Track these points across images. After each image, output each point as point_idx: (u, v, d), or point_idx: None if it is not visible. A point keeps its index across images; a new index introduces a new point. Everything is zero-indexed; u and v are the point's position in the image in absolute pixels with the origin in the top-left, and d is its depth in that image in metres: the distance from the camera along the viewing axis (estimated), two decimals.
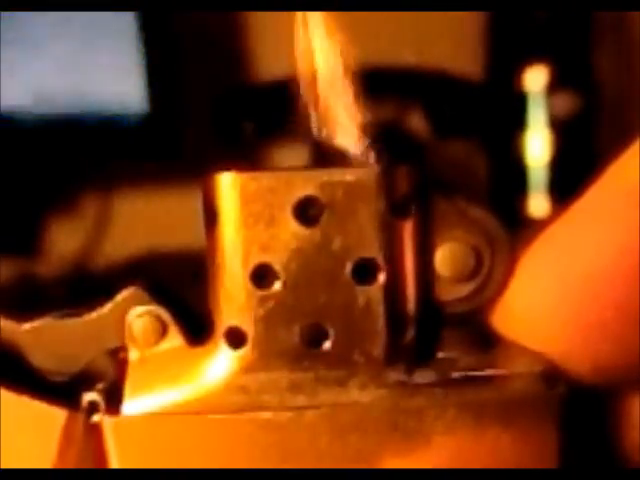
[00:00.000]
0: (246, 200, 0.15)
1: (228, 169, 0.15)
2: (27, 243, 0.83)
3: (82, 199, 0.84)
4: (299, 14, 0.16)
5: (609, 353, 0.15)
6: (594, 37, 0.75)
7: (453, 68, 0.77)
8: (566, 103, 0.73)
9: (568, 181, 0.71)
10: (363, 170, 0.15)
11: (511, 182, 0.76)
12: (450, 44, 0.79)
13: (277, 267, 0.15)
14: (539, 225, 0.15)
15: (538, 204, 0.74)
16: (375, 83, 0.16)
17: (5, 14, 0.72)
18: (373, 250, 0.15)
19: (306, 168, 0.16)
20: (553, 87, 0.73)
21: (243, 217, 0.15)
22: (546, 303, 0.15)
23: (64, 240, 0.84)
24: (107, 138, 0.78)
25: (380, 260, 0.15)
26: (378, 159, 0.16)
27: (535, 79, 0.73)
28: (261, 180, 0.15)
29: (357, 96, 0.16)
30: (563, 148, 0.74)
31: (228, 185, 0.15)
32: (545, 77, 0.73)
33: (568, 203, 0.15)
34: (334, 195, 0.15)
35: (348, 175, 0.15)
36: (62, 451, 0.16)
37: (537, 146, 0.74)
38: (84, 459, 0.16)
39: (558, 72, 0.73)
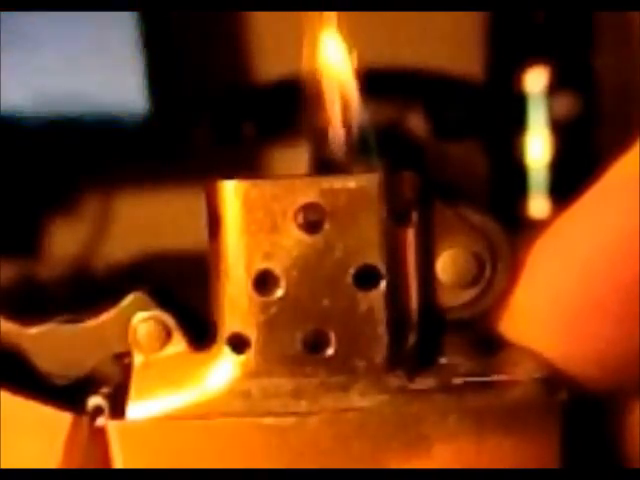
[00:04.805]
0: (248, 207, 0.15)
1: (230, 176, 0.15)
2: (27, 243, 0.83)
3: (82, 199, 0.85)
4: (302, 15, 0.16)
5: (611, 341, 0.15)
6: (594, 37, 0.75)
7: (453, 68, 0.77)
8: (566, 104, 0.73)
9: (568, 182, 0.71)
10: (365, 177, 0.15)
11: (511, 183, 0.76)
12: (450, 44, 0.79)
13: (279, 273, 0.15)
14: (539, 226, 0.15)
15: (538, 205, 0.74)
16: (375, 83, 0.16)
17: (5, 14, 0.72)
18: (375, 256, 0.15)
19: (308, 175, 0.16)
20: (553, 88, 0.73)
21: (246, 224, 0.15)
22: (549, 293, 0.15)
23: (64, 241, 0.84)
24: (107, 138, 0.78)
25: (382, 266, 0.15)
26: (380, 165, 0.16)
27: (535, 80, 0.73)
28: (263, 187, 0.15)
29: (359, 97, 0.16)
30: (563, 149, 0.74)
31: (231, 192, 0.15)
32: (545, 78, 0.73)
33: (568, 204, 0.15)
34: (336, 202, 0.15)
35: (350, 182, 0.15)
36: (67, 455, 0.16)
37: (537, 147, 0.74)
38: (89, 463, 0.16)
39: (558, 73, 0.73)
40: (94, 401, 0.15)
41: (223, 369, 0.15)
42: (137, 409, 0.15)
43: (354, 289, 0.15)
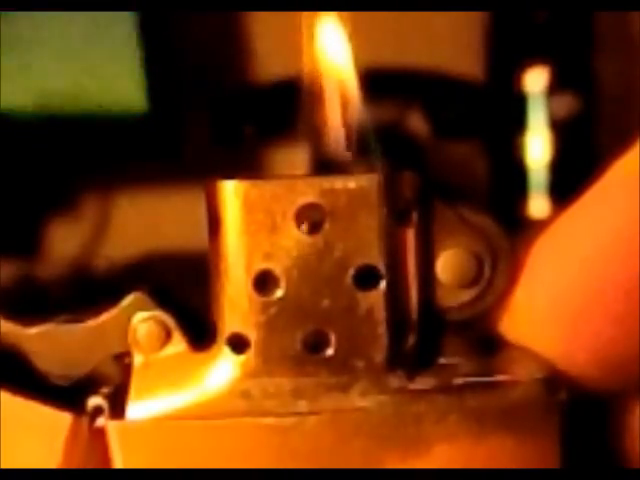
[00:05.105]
0: (248, 207, 0.15)
1: (230, 176, 0.15)
2: (27, 243, 0.83)
3: (82, 200, 0.85)
4: (302, 15, 0.16)
5: (611, 340, 0.15)
6: (594, 37, 0.75)
7: (453, 68, 0.77)
8: (566, 104, 0.73)
9: (568, 182, 0.71)
10: (365, 177, 0.15)
11: (511, 183, 0.76)
12: (450, 44, 0.79)
13: (279, 274, 0.15)
14: (539, 226, 0.15)
15: (538, 205, 0.74)
16: (375, 83, 0.16)
17: (5, 14, 0.72)
18: (375, 256, 0.15)
19: (308, 175, 0.16)
20: (553, 88, 0.73)
21: (245, 224, 0.15)
22: (548, 292, 0.15)
23: (64, 241, 0.84)
24: (107, 138, 0.78)
25: (382, 266, 0.15)
26: (380, 165, 0.16)
27: (535, 80, 0.73)
28: (263, 187, 0.15)
29: (360, 97, 0.16)
30: (563, 149, 0.74)
31: (230, 193, 0.15)
32: (545, 78, 0.73)
33: (568, 204, 0.15)
34: (336, 202, 0.15)
35: (350, 182, 0.15)
36: (67, 455, 0.16)
37: (537, 147, 0.74)
38: (88, 463, 0.16)
39: (558, 73, 0.73)
40: (94, 401, 0.15)
41: (223, 369, 0.15)
42: (137, 409, 0.15)
43: (354, 289, 0.15)
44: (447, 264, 0.15)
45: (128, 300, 0.16)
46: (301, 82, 0.16)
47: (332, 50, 0.16)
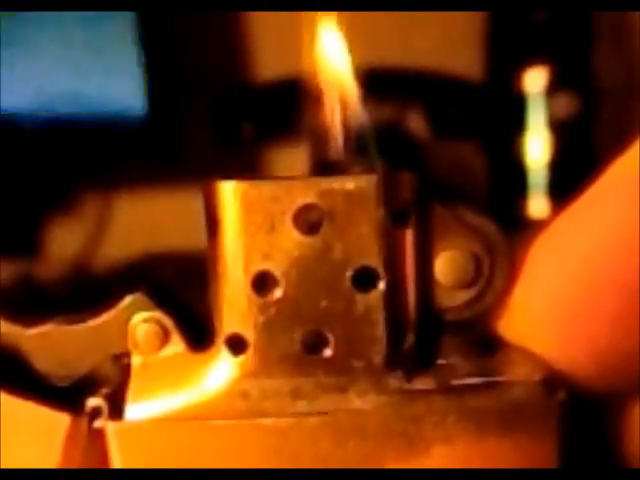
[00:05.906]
0: (247, 208, 0.15)
1: (229, 177, 0.15)
2: (27, 243, 0.83)
3: (82, 200, 0.85)
4: (302, 15, 0.16)
5: (610, 340, 0.15)
6: (594, 37, 0.75)
7: (453, 68, 0.77)
8: (566, 104, 0.73)
9: (568, 182, 0.71)
10: (363, 178, 0.15)
11: (511, 183, 0.76)
12: (450, 44, 0.79)
13: (278, 274, 0.15)
14: (539, 226, 0.15)
15: (538, 205, 0.74)
16: (375, 83, 0.16)
17: (5, 14, 0.72)
18: (373, 258, 0.15)
19: (306, 176, 0.16)
20: (553, 88, 0.73)
21: (244, 225, 0.15)
22: (547, 293, 0.15)
23: (64, 241, 0.84)
24: (107, 139, 0.78)
25: (380, 268, 0.15)
26: (378, 166, 0.16)
27: (535, 80, 0.73)
28: (262, 188, 0.15)
29: (359, 97, 0.16)
30: (563, 149, 0.74)
31: (229, 193, 0.15)
32: (545, 78, 0.73)
33: (568, 204, 0.15)
34: (334, 203, 0.15)
35: (348, 183, 0.15)
36: (65, 456, 0.16)
37: (537, 147, 0.74)
38: (87, 464, 0.16)
39: (558, 73, 0.73)
40: (93, 402, 0.15)
41: (221, 370, 0.15)
42: (135, 410, 0.15)
43: (352, 290, 0.15)
44: (445, 265, 0.15)
45: (127, 301, 0.16)
46: (301, 82, 0.16)
47: (332, 50, 0.16)
